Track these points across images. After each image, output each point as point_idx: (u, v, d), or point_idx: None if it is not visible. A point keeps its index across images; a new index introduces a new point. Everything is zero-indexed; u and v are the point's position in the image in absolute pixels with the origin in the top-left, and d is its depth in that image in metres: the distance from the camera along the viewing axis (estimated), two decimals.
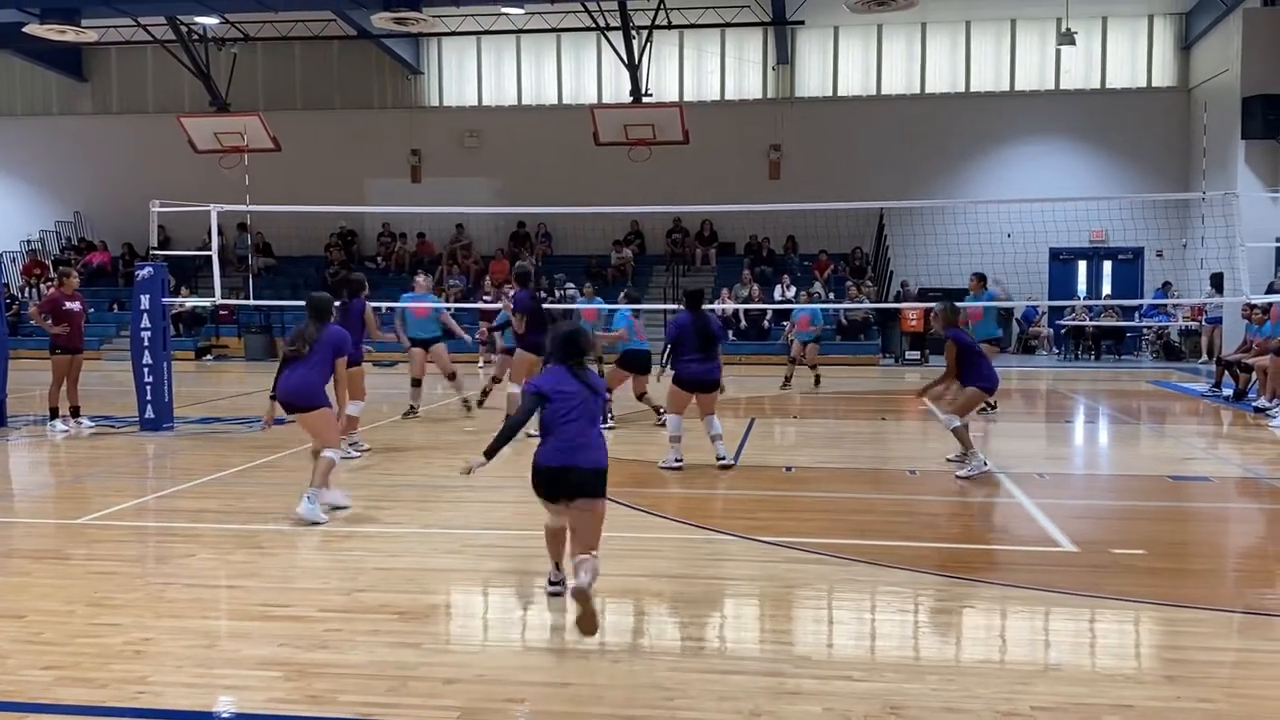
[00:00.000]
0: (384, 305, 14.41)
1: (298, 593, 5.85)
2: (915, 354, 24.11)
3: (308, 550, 6.76)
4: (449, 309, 14.80)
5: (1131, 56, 26.72)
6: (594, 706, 4.35)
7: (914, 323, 24.07)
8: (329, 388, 7.75)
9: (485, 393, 14.26)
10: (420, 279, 14.55)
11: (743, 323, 24.53)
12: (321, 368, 7.61)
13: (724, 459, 9.78)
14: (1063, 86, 26.73)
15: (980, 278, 14.70)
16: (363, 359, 10.82)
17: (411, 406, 13.36)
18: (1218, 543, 7.62)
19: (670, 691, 4.48)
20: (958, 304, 10.84)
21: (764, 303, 24.03)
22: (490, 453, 5.42)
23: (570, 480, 5.32)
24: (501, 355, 14.05)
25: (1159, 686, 4.55)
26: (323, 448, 7.57)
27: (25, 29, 22.25)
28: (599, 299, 17.43)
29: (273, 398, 7.69)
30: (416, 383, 13.47)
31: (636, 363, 12.43)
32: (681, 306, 10.20)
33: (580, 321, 12.07)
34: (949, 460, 10.08)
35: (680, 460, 9.71)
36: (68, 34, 21.74)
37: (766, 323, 24.47)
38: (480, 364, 21.99)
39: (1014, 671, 4.79)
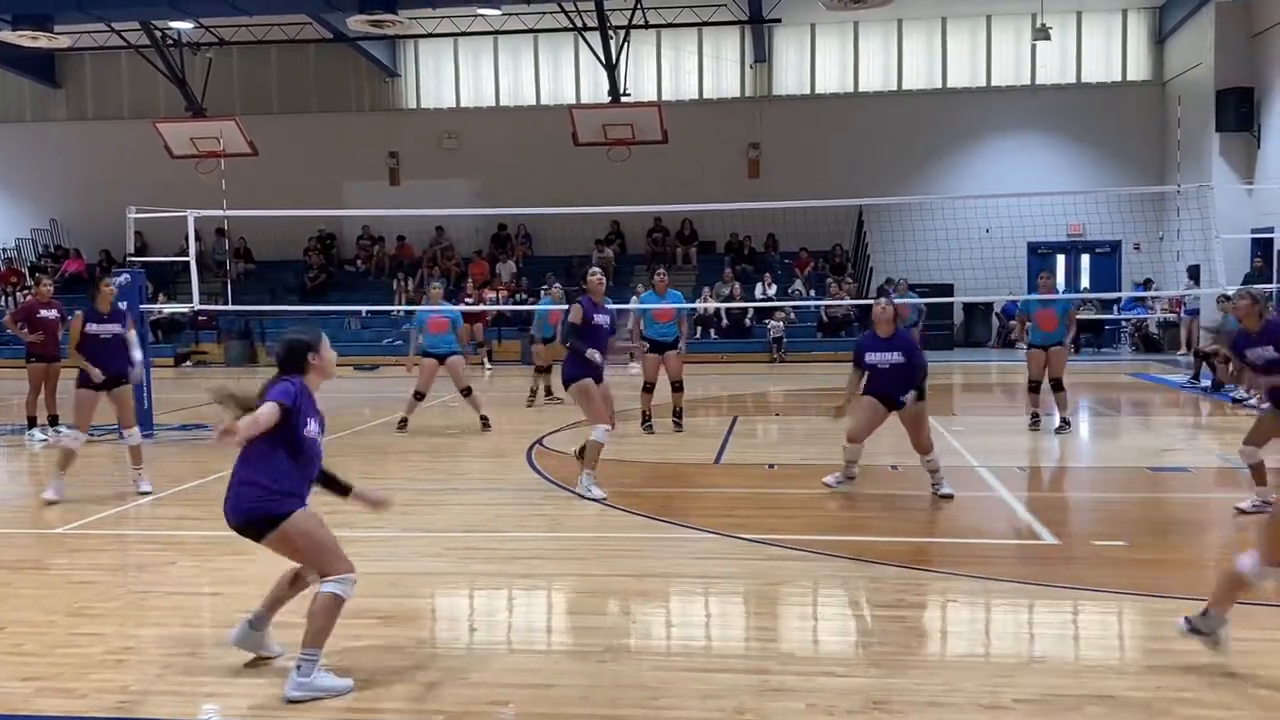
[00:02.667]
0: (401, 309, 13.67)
1: None
2: None
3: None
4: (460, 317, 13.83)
5: (1106, 51, 26.85)
6: (578, 708, 4.35)
7: None
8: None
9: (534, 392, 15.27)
10: (436, 289, 13.90)
11: (724, 321, 24.54)
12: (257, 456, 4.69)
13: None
14: (1038, 81, 26.81)
15: None
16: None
17: (404, 418, 12.81)
18: (1197, 533, 7.68)
19: (654, 691, 4.48)
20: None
21: (745, 301, 24.00)
22: None
23: None
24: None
25: (1140, 677, 4.58)
26: (321, 575, 4.70)
27: None
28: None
29: None
30: (420, 396, 12.85)
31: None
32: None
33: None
34: (1242, 512, 7.61)
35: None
36: (40, 40, 21.54)
37: (748, 321, 24.49)
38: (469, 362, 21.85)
39: (997, 664, 4.81)
